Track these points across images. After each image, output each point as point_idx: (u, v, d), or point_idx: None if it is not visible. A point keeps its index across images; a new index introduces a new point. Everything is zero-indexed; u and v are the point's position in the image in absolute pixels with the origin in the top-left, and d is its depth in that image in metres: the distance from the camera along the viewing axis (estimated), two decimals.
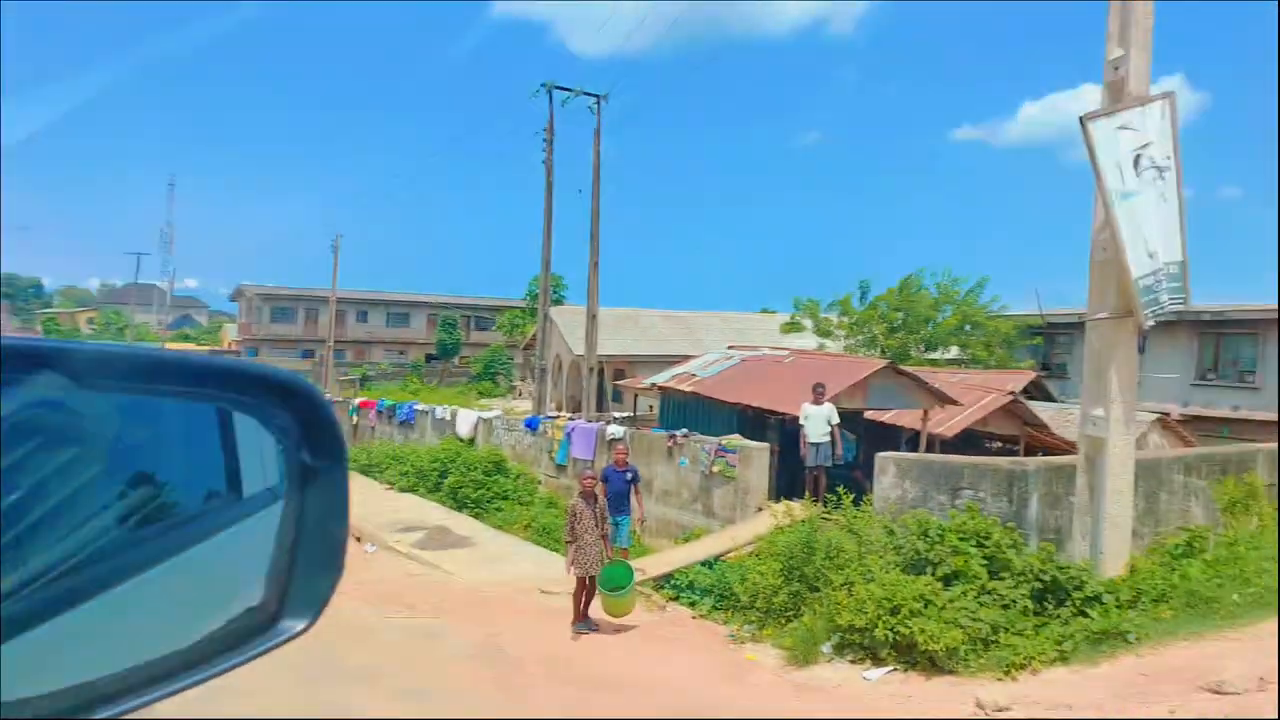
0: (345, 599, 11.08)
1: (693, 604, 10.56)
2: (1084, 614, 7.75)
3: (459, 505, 16.92)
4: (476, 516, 16.48)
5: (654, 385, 21.54)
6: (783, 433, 16.41)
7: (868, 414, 19.66)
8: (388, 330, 65.71)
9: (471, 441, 22.14)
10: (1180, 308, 7.78)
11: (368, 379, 52.83)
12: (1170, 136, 8.00)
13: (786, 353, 21.98)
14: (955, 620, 7.43)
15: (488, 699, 6.09)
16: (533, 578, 11.79)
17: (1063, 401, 26.29)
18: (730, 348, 25.68)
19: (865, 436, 18.93)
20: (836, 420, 14.06)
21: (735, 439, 14.74)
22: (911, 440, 19.36)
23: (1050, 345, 31.23)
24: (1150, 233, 7.78)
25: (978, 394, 19.88)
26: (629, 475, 10.47)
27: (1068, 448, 20.97)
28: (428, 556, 12.76)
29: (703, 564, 11.67)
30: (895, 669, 7.46)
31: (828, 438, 13.79)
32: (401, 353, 64.13)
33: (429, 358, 60.98)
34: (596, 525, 8.95)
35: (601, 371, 29.21)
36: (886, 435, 19.51)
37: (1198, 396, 26.50)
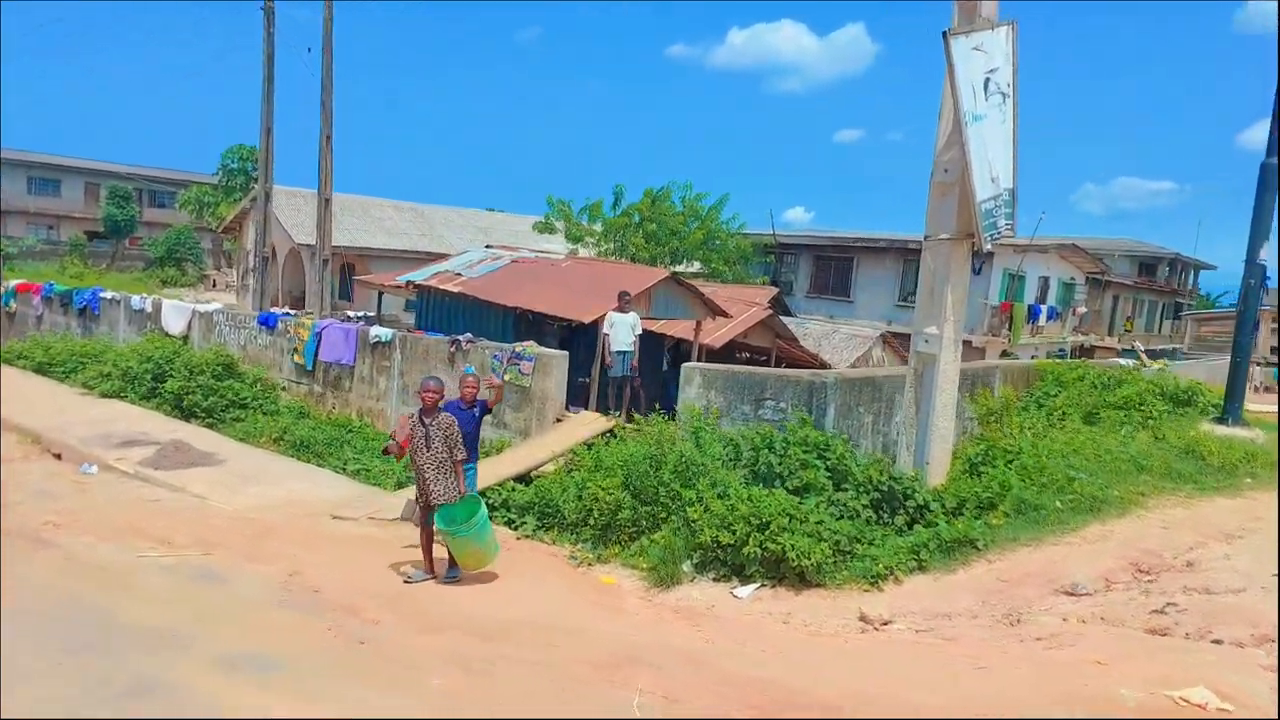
0: (68, 534, 8.71)
1: (511, 523, 9.74)
2: (916, 522, 8.16)
3: (185, 414, 14.24)
4: (210, 428, 14.00)
5: (410, 283, 19.65)
6: (563, 340, 15.84)
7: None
8: (31, 199, 54.43)
9: (185, 339, 18.85)
10: (1010, 234, 8.17)
11: (8, 257, 43.31)
12: (1012, 63, 8.22)
13: (562, 256, 21.18)
14: (817, 534, 7.42)
15: (352, 661, 4.88)
16: (311, 500, 10.16)
17: (795, 316, 28.55)
18: (490, 247, 24.26)
19: (640, 346, 18.95)
20: (640, 330, 13.73)
21: (531, 346, 13.81)
22: (674, 349, 19.74)
23: (780, 263, 33.62)
24: (994, 157, 8.02)
25: (740, 306, 20.67)
26: (478, 412, 8.59)
27: (812, 360, 22.62)
28: (165, 477, 10.50)
29: (515, 479, 10.83)
30: (763, 585, 7.32)
31: (633, 346, 13.43)
32: (51, 228, 53.61)
33: (91, 235, 51.42)
34: (428, 446, 7.31)
35: (332, 264, 26.24)
36: (655, 344, 19.70)
37: (900, 316, 29.95)
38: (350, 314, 23.67)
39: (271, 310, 18.56)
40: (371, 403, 15.67)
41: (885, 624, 6.31)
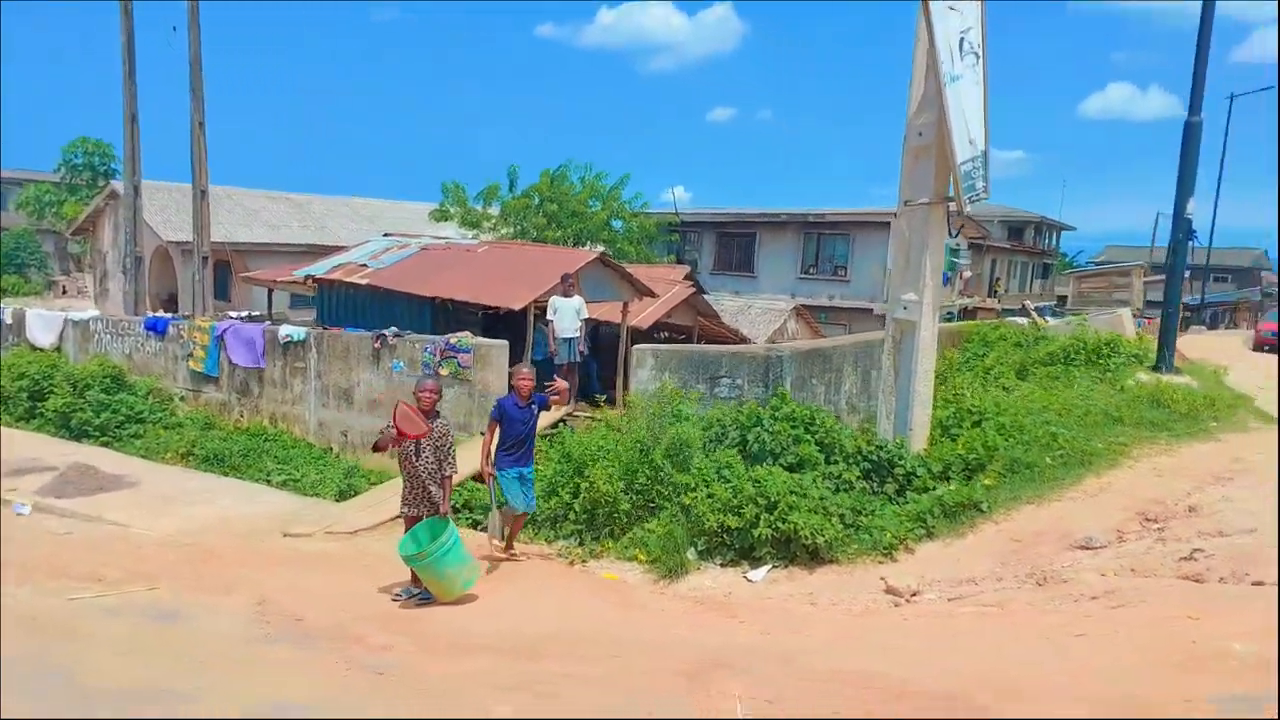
0: None
1: (477, 524, 9.12)
2: (905, 489, 8.10)
3: (75, 434, 12.74)
4: (106, 446, 12.59)
5: (309, 278, 18.33)
6: (485, 330, 15.18)
7: None
8: None
9: (58, 351, 16.95)
10: (985, 195, 8.18)
11: None
12: (981, 23, 8.20)
13: (476, 242, 20.31)
14: (824, 509, 7.23)
15: (395, 698, 4.25)
16: (249, 518, 9.21)
17: (706, 294, 28.57)
18: (388, 235, 23.02)
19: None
20: (585, 314, 13.23)
21: (466, 336, 13.08)
22: (592, 333, 19.28)
23: (684, 242, 33.62)
24: (970, 118, 7.99)
25: (663, 285, 20.39)
26: (535, 409, 7.53)
27: (732, 336, 22.61)
28: (73, 506, 9.27)
29: (474, 479, 10.17)
30: (774, 566, 7.06)
31: (578, 332, 12.93)
32: None
33: None
34: (419, 454, 6.52)
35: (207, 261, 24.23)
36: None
37: (802, 288, 30.52)
38: (232, 314, 21.96)
39: (158, 314, 16.92)
40: (286, 408, 14.52)
41: (914, 595, 6.17)
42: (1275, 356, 16.10)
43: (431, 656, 5.20)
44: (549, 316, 12.81)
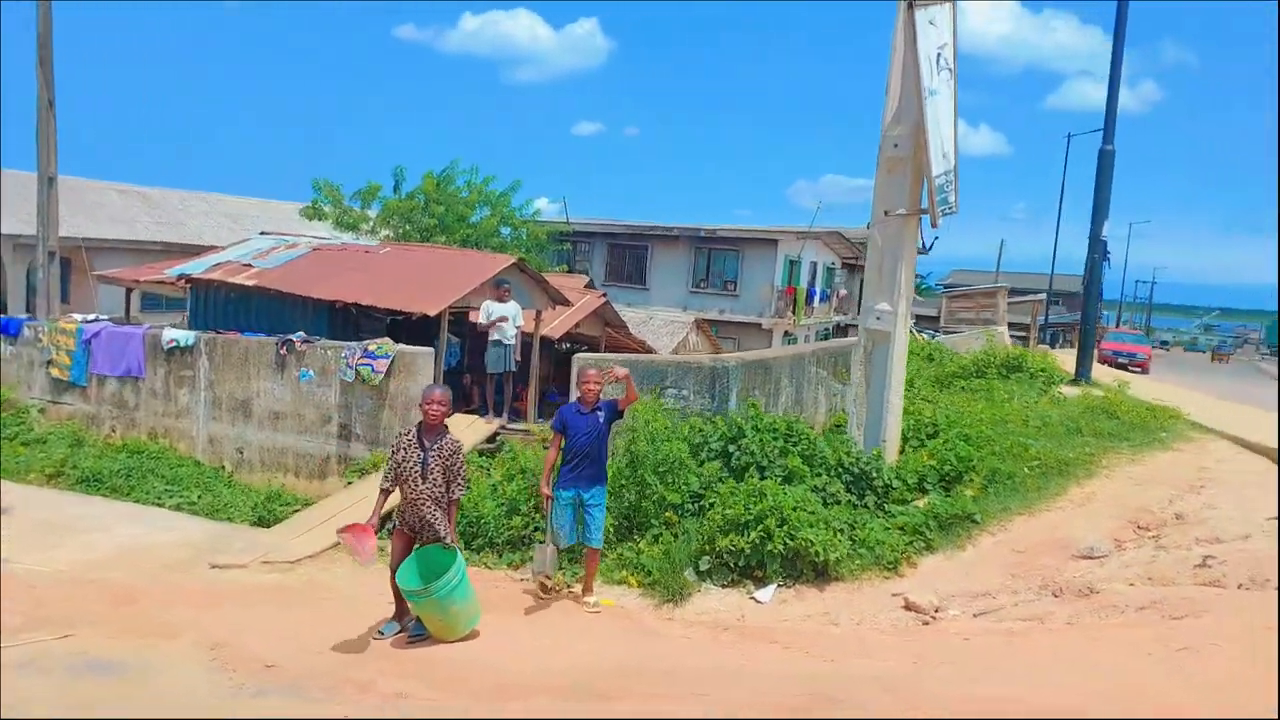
0: None
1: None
2: (883, 502, 8.04)
3: None
4: None
5: (183, 277, 16.62)
6: (391, 336, 14.25)
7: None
8: None
9: None
10: (954, 210, 8.27)
11: None
12: (954, 40, 8.33)
13: (378, 243, 19.09)
14: (827, 524, 7.02)
15: None
16: (159, 548, 8.02)
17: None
18: (265, 234, 21.30)
19: (469, 339, 17.64)
20: (521, 321, 12.59)
21: (386, 343, 12.10)
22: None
23: (575, 251, 33.16)
24: (944, 133, 8.08)
25: (571, 296, 19.86)
26: (603, 417, 6.52)
27: (640, 348, 22.34)
28: None
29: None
30: (780, 585, 6.76)
31: (514, 340, 12.26)
32: None
33: None
34: (425, 476, 5.62)
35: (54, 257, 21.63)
36: (482, 337, 18.45)
37: (694, 302, 30.77)
38: (77, 316, 19.63)
39: (9, 315, 14.81)
40: (170, 421, 12.97)
41: (937, 611, 6.04)
42: (1141, 373, 17.51)
43: (470, 703, 4.54)
44: (482, 320, 12.09)
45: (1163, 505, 7.18)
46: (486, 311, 12.13)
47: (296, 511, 10.15)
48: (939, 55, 8.04)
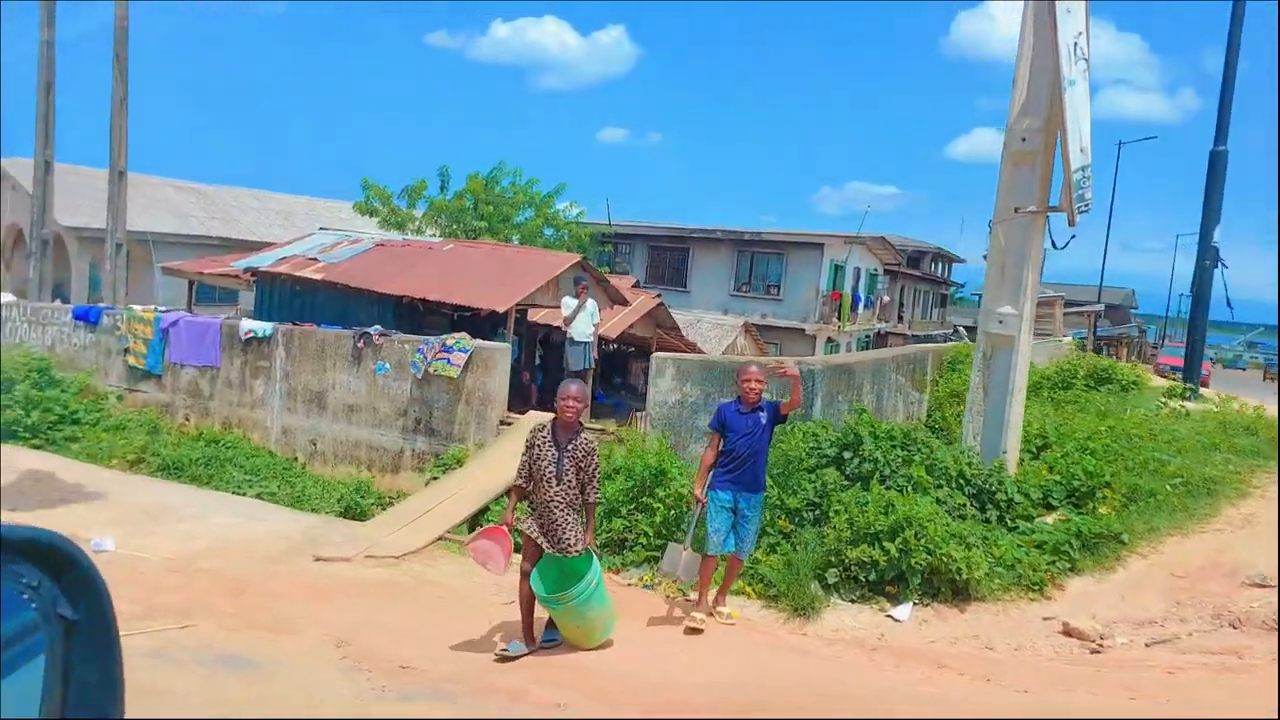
0: None
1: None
2: (1005, 518, 7.65)
3: (4, 434, 10.74)
4: (38, 450, 10.67)
5: (250, 270, 16.56)
6: (455, 329, 14.09)
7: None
8: None
9: None
10: (1088, 208, 7.87)
11: None
12: (1088, 29, 7.91)
13: (441, 240, 19.00)
14: (963, 539, 6.65)
15: None
16: (259, 539, 7.81)
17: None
18: (325, 230, 21.26)
19: (526, 339, 17.48)
20: (599, 318, 12.34)
21: (464, 338, 11.89)
22: (544, 340, 18.35)
23: (616, 253, 32.90)
24: (1083, 126, 7.68)
25: (628, 296, 19.61)
26: (766, 418, 6.05)
27: (690, 350, 22.00)
28: (35, 522, 7.59)
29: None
30: (916, 603, 6.41)
31: (592, 337, 12.00)
32: None
33: None
34: (559, 477, 5.23)
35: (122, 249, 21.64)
36: (532, 336, 18.29)
37: (735, 305, 30.35)
38: (155, 307, 19.68)
39: (93, 303, 14.78)
40: (244, 411, 12.84)
41: (1102, 638, 5.66)
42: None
43: (639, 716, 4.24)
44: (565, 315, 11.85)
45: None
46: (567, 306, 11.88)
47: (385, 505, 9.95)
48: (1075, 44, 7.65)
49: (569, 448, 5.31)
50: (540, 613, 5.60)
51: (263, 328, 12.77)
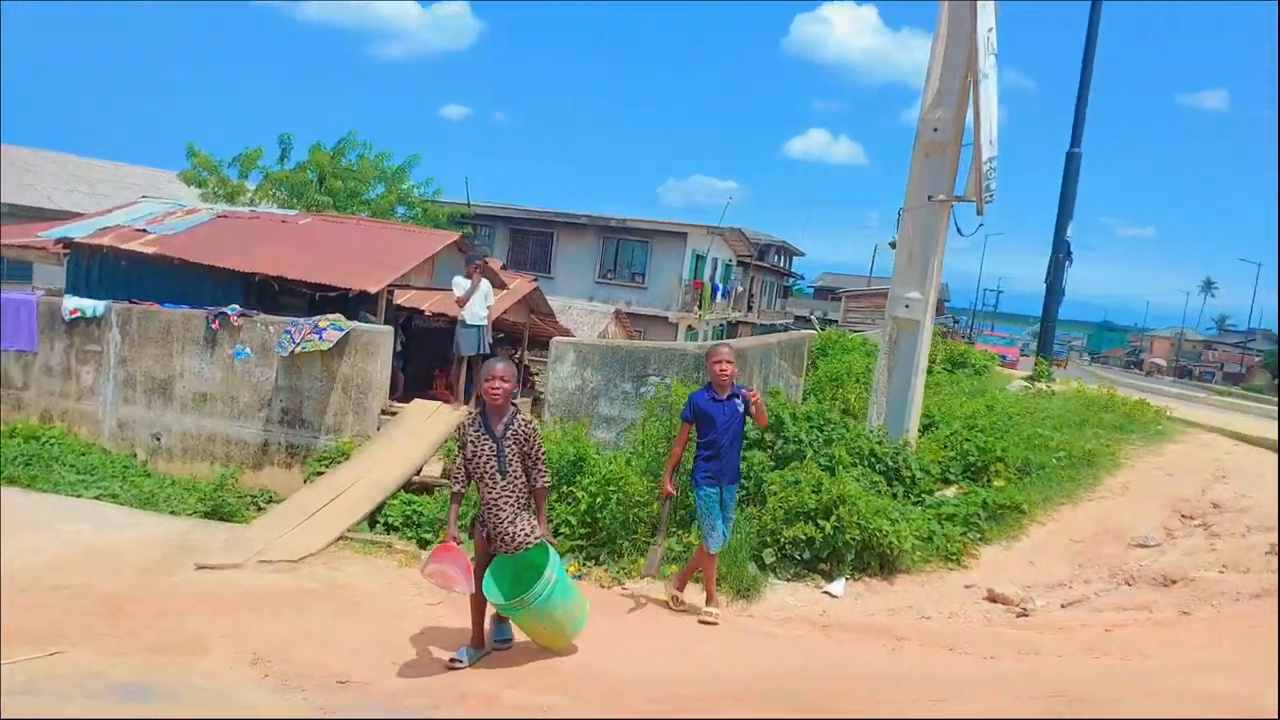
0: None
1: (431, 544, 7.51)
2: (910, 493, 7.93)
3: None
4: None
5: (63, 241, 14.66)
6: (313, 314, 13.12)
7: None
8: None
9: None
10: (992, 198, 8.21)
11: None
12: (996, 23, 8.23)
13: (296, 213, 17.48)
14: (886, 514, 6.79)
15: None
16: (127, 547, 6.81)
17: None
18: (146, 198, 19.24)
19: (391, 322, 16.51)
20: (492, 300, 11.75)
21: (338, 318, 10.99)
22: (404, 324, 17.50)
23: (475, 235, 31.86)
24: (993, 118, 8.01)
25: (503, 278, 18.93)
26: (740, 405, 5.74)
27: (564, 336, 21.66)
28: None
29: (410, 490, 8.45)
30: (848, 578, 6.47)
31: (486, 320, 11.41)
32: None
33: None
34: (504, 470, 4.71)
35: None
36: (394, 321, 17.35)
37: (600, 292, 30.24)
38: None
39: None
40: (69, 403, 11.28)
41: (1023, 603, 5.92)
42: None
43: (638, 712, 3.93)
44: (458, 296, 11.18)
45: (1197, 494, 7.42)
46: (459, 286, 11.23)
47: (257, 505, 9.02)
48: (987, 38, 7.96)
49: (507, 434, 4.77)
50: (490, 612, 5.14)
51: (92, 306, 11.25)
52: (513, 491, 4.80)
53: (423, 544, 7.56)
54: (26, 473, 9.31)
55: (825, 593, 6.33)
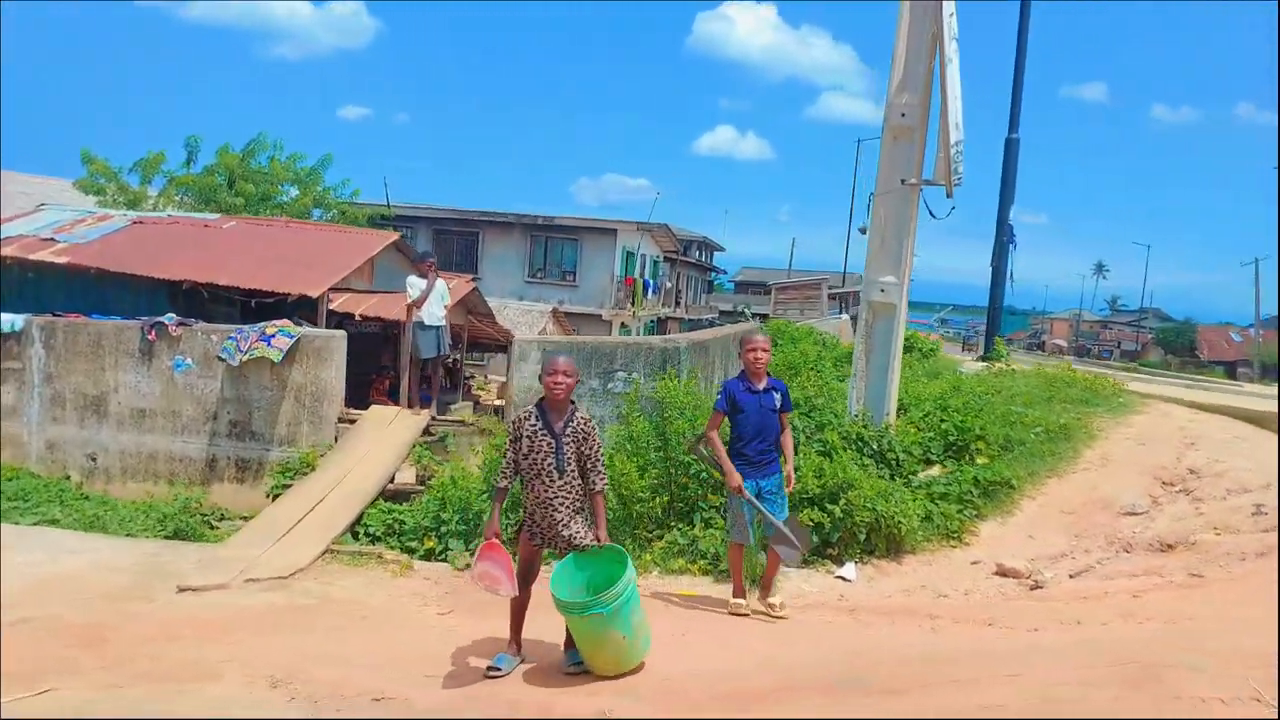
0: None
1: (440, 553, 7.19)
2: (896, 474, 8.02)
3: None
4: None
5: None
6: (247, 319, 12.55)
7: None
8: None
9: None
10: (960, 181, 8.33)
11: None
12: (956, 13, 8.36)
13: (218, 217, 16.57)
14: (887, 495, 6.83)
15: None
16: (90, 575, 6.26)
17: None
18: (44, 207, 18.02)
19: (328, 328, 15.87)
20: (449, 300, 11.37)
21: (287, 324, 10.47)
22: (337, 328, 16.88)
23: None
24: (958, 101, 8.14)
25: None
26: (777, 399, 5.47)
27: (504, 337, 21.23)
28: None
29: (385, 498, 8.06)
30: (857, 561, 6.48)
31: (444, 321, 11.05)
32: None
33: None
34: (561, 471, 4.44)
35: None
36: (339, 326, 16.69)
37: (530, 291, 29.83)
38: None
39: None
40: None
41: (1033, 576, 6.03)
42: None
43: (712, 709, 3.78)
44: (413, 296, 10.78)
45: (1173, 462, 7.72)
46: (413, 286, 10.83)
47: (214, 525, 8.47)
48: (949, 23, 8.09)
49: (567, 432, 4.50)
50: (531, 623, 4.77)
51: (9, 321, 10.39)
52: (570, 492, 4.52)
53: (409, 552, 7.23)
54: None
55: (839, 577, 6.31)
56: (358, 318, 17.48)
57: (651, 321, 36.98)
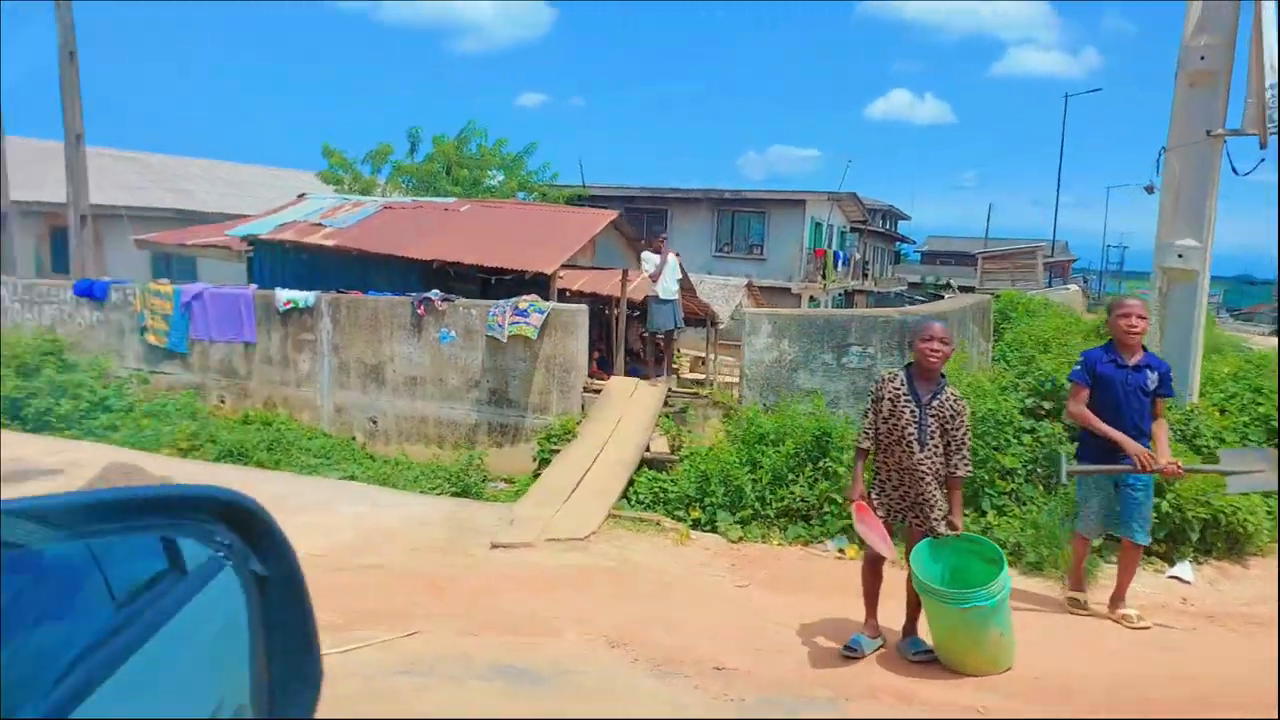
0: None
1: (705, 524, 7.33)
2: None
3: (34, 426, 9.36)
4: (77, 440, 9.35)
5: (249, 238, 15.13)
6: (487, 294, 13.20)
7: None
8: None
9: None
10: (1276, 130, 7.42)
11: None
12: None
13: (456, 201, 17.75)
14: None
15: None
16: (407, 526, 6.86)
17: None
18: (304, 196, 19.75)
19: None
20: (680, 274, 11.55)
21: (535, 299, 10.95)
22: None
23: None
24: (1274, 38, 7.20)
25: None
26: (1154, 379, 4.88)
27: (702, 311, 21.22)
28: None
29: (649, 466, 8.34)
30: (1192, 561, 5.95)
31: (678, 295, 11.21)
32: None
33: None
34: (922, 442, 4.22)
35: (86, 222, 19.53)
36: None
37: (719, 266, 29.73)
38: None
39: (95, 277, 13.14)
40: (289, 390, 11.63)
41: None
42: None
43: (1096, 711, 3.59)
44: (649, 272, 11.03)
45: None
46: (649, 261, 11.06)
47: (491, 485, 9.08)
48: None
49: (933, 404, 4.26)
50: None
51: (304, 297, 11.54)
52: (931, 466, 4.26)
53: (676, 520, 7.41)
54: (271, 457, 9.63)
55: (1173, 578, 5.82)
56: (571, 293, 18.22)
57: (839, 294, 35.97)
